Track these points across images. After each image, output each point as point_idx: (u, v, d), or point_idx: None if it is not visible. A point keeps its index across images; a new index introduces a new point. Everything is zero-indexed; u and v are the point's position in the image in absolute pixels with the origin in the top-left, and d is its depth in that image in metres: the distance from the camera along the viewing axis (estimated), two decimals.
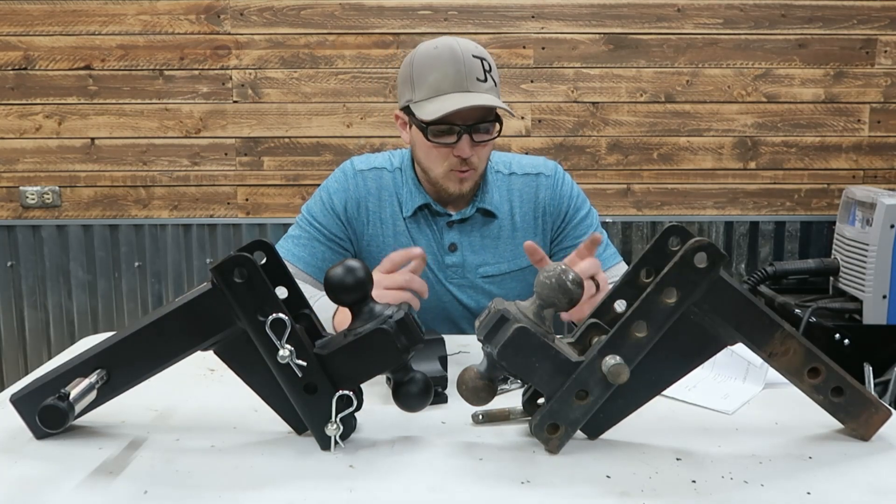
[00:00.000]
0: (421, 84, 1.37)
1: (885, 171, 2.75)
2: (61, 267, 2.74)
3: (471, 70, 1.35)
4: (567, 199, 1.52)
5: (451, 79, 1.34)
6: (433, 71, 1.35)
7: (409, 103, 1.39)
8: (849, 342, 2.21)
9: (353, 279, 0.90)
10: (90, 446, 0.91)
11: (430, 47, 1.39)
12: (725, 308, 0.89)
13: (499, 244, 1.50)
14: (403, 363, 0.92)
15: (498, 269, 1.50)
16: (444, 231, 1.49)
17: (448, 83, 1.34)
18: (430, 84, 1.36)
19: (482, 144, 1.40)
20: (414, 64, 1.39)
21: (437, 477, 0.84)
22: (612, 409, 0.92)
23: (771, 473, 0.85)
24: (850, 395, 0.93)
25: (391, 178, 1.51)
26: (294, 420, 0.93)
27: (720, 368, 1.15)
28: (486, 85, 1.36)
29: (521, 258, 1.49)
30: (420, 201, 1.47)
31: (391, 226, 1.49)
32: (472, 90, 1.35)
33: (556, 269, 0.89)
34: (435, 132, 1.37)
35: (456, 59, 1.35)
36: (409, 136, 1.45)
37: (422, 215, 1.49)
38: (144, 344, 0.91)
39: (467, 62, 1.35)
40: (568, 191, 1.53)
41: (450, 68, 1.34)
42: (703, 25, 2.66)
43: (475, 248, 1.50)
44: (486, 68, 1.37)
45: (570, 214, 1.52)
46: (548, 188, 1.52)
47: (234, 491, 0.80)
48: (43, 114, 2.65)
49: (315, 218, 1.49)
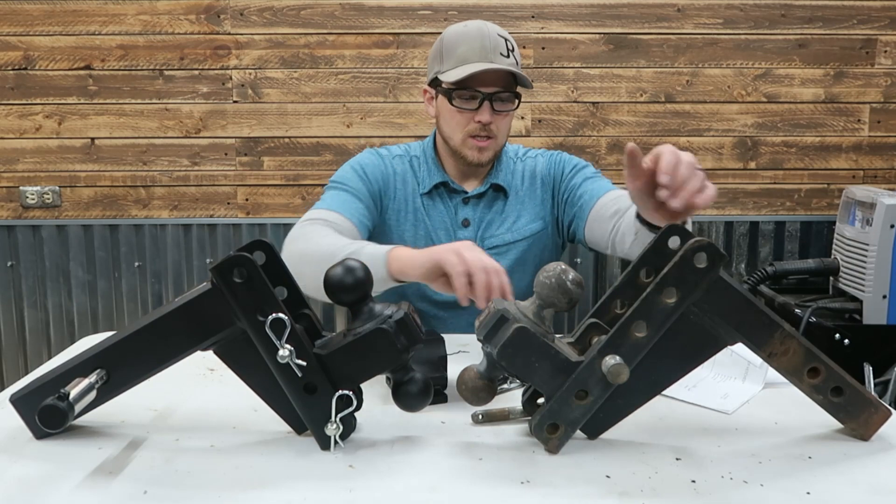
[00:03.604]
0: (449, 56, 1.48)
1: (885, 171, 2.75)
2: (61, 267, 2.74)
3: (495, 45, 1.46)
4: (559, 164, 1.63)
5: (476, 51, 1.45)
6: (461, 44, 1.47)
7: (437, 74, 1.50)
8: (849, 342, 2.21)
9: (352, 279, 0.90)
10: (90, 446, 0.91)
11: (459, 26, 1.51)
12: (725, 308, 0.89)
13: (504, 217, 1.59)
14: (403, 363, 0.92)
15: (501, 240, 1.58)
16: (458, 207, 1.59)
17: (474, 54, 1.45)
18: (457, 55, 1.47)
19: (502, 114, 1.50)
20: (444, 39, 1.51)
21: (436, 477, 0.84)
22: (612, 409, 0.92)
23: (770, 473, 0.85)
24: (850, 395, 0.93)
25: (409, 163, 1.61)
26: (294, 420, 0.93)
27: (720, 368, 1.15)
28: (509, 60, 1.47)
29: (521, 228, 1.59)
30: (438, 179, 1.57)
31: (410, 203, 1.58)
32: (495, 62, 1.45)
33: (555, 269, 0.89)
34: (458, 97, 1.47)
35: (483, 34, 1.47)
36: (435, 109, 1.56)
37: (437, 193, 1.59)
38: (144, 344, 0.91)
39: (493, 38, 1.47)
40: (559, 158, 1.64)
41: (476, 42, 1.46)
42: (703, 25, 2.66)
43: (485, 223, 1.59)
44: (509, 47, 1.48)
45: (565, 171, 1.61)
46: (544, 162, 1.64)
47: (234, 491, 0.80)
48: (43, 114, 2.65)
49: (347, 182, 1.54)
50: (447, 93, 1.48)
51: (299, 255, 1.32)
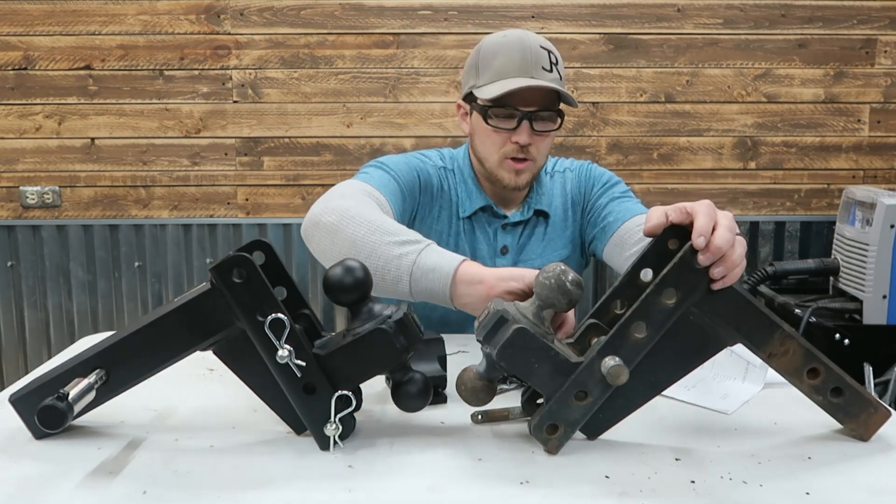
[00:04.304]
0: (486, 69, 1.36)
1: (885, 171, 2.75)
2: (61, 267, 2.74)
3: (537, 58, 1.33)
4: (588, 180, 1.53)
5: (516, 64, 1.32)
6: (498, 56, 1.34)
7: (472, 88, 1.38)
8: (849, 342, 2.21)
9: (352, 279, 0.90)
10: (89, 446, 0.91)
11: (498, 36, 1.38)
12: (725, 309, 0.89)
13: (545, 243, 1.51)
14: (402, 363, 0.92)
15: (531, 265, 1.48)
16: (497, 233, 1.48)
17: (513, 68, 1.32)
18: (494, 69, 1.34)
19: (542, 135, 1.37)
20: (480, 51, 1.38)
21: (436, 477, 0.84)
22: (612, 409, 0.92)
23: (770, 474, 0.85)
24: (850, 396, 0.92)
25: (446, 176, 1.49)
26: (293, 420, 0.93)
27: (719, 368, 1.15)
28: (551, 75, 1.34)
29: (552, 254, 1.49)
30: (480, 203, 1.46)
31: (447, 224, 1.47)
32: (536, 77, 1.32)
33: (555, 269, 0.89)
34: (495, 115, 1.35)
35: (523, 46, 1.33)
36: (469, 126, 1.44)
37: (477, 218, 1.48)
38: (143, 344, 0.91)
39: (534, 50, 1.33)
40: (588, 174, 1.54)
41: (516, 54, 1.33)
42: (703, 25, 2.66)
43: (521, 248, 1.50)
44: (552, 60, 1.35)
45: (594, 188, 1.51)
46: (573, 178, 1.54)
47: (233, 491, 0.80)
48: (43, 114, 2.66)
49: (401, 175, 1.38)
50: (482, 110, 1.36)
51: (345, 215, 1.15)
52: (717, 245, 0.83)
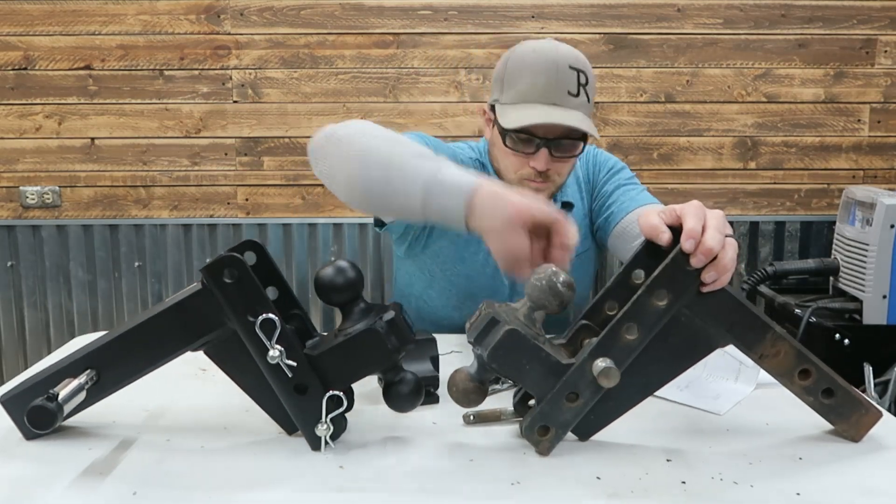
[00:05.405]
0: (510, 87, 1.31)
1: (885, 171, 2.74)
2: (61, 267, 2.74)
3: (563, 82, 1.27)
4: (594, 166, 1.52)
5: (540, 89, 1.28)
6: (524, 76, 1.29)
7: (496, 103, 1.35)
8: (849, 342, 2.21)
9: (343, 279, 0.90)
10: (80, 447, 0.91)
11: (528, 49, 1.31)
12: (716, 310, 0.89)
13: None
14: (394, 363, 0.92)
15: None
16: None
17: (536, 93, 1.28)
18: (518, 90, 1.30)
19: (562, 160, 1.33)
20: (508, 64, 1.33)
21: (427, 478, 0.84)
22: (603, 410, 0.92)
23: (761, 474, 0.85)
24: (841, 397, 0.92)
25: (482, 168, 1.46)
26: (284, 421, 0.93)
27: (712, 369, 1.15)
28: (577, 100, 1.29)
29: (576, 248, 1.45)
30: None
31: None
32: (560, 104, 1.27)
33: (546, 271, 0.89)
34: (513, 140, 1.31)
35: (549, 68, 1.27)
36: (491, 135, 1.40)
37: None
38: (134, 344, 0.91)
39: (561, 72, 1.27)
40: (594, 160, 1.52)
41: (541, 78, 1.27)
42: (703, 25, 2.66)
43: None
44: (581, 81, 1.29)
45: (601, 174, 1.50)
46: (581, 165, 1.52)
47: (225, 491, 0.80)
48: (43, 114, 2.66)
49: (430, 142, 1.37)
50: (502, 131, 1.32)
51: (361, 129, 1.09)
52: (708, 247, 0.83)
